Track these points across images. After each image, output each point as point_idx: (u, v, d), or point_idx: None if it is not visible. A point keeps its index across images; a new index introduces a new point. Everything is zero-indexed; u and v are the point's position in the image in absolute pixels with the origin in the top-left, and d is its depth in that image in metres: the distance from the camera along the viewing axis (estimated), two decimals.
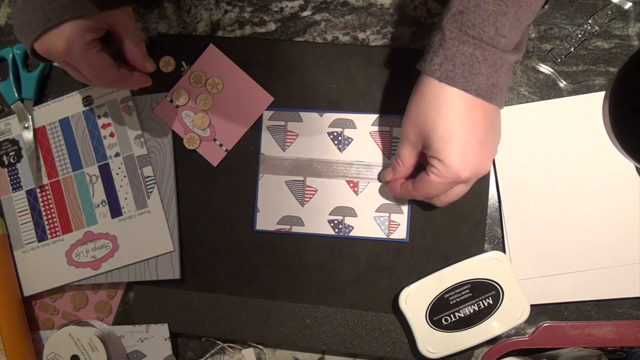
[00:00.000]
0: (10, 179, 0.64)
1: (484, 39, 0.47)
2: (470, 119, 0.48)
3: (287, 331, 0.60)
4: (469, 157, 0.49)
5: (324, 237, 0.61)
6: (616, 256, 0.58)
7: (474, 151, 0.49)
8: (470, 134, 0.48)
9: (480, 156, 0.49)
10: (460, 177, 0.49)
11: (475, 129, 0.48)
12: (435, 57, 0.48)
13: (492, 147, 0.51)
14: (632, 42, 0.59)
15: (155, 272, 0.61)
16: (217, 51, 0.62)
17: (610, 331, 0.56)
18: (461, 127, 0.48)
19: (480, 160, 0.49)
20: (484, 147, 0.50)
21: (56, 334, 0.60)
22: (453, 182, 0.50)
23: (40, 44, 0.51)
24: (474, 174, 0.50)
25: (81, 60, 0.52)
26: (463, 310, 0.57)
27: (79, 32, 0.51)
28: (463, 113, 0.48)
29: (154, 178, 0.62)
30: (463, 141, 0.48)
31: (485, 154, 0.50)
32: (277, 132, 0.62)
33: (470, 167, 0.49)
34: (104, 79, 0.55)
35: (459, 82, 0.47)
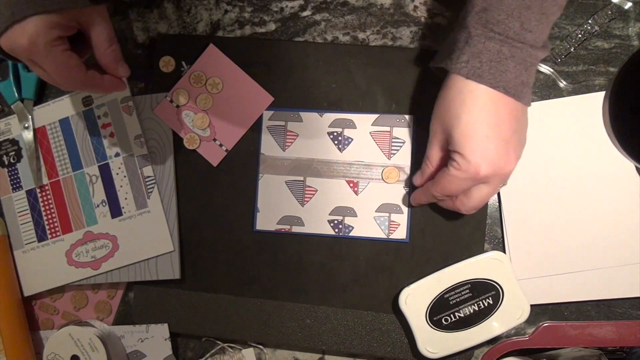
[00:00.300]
0: (10, 179, 0.64)
1: (509, 34, 0.46)
2: (495, 116, 0.47)
3: (287, 331, 0.60)
4: (490, 154, 0.47)
5: (324, 237, 0.61)
6: (616, 256, 0.58)
7: (496, 148, 0.47)
8: (493, 130, 0.47)
9: (503, 155, 0.48)
10: (479, 173, 0.48)
11: (499, 126, 0.47)
12: (461, 54, 0.47)
13: (517, 147, 0.49)
14: (632, 42, 0.59)
15: (155, 272, 0.61)
16: (217, 51, 0.62)
17: (610, 331, 0.56)
18: (484, 123, 0.47)
19: (502, 159, 0.48)
20: (508, 146, 0.48)
21: (56, 334, 0.60)
22: (472, 178, 0.49)
23: (4, 40, 0.48)
24: (494, 173, 0.48)
25: (45, 58, 0.49)
26: (463, 310, 0.57)
27: (43, 28, 0.48)
28: (488, 109, 0.47)
29: (154, 178, 0.62)
30: (485, 137, 0.47)
31: (508, 154, 0.48)
32: (277, 132, 0.62)
33: (491, 164, 0.48)
34: (69, 80, 0.51)
35: (487, 78, 0.46)
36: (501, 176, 0.49)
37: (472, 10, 0.47)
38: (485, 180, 0.49)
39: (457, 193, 0.52)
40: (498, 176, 0.49)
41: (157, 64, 0.63)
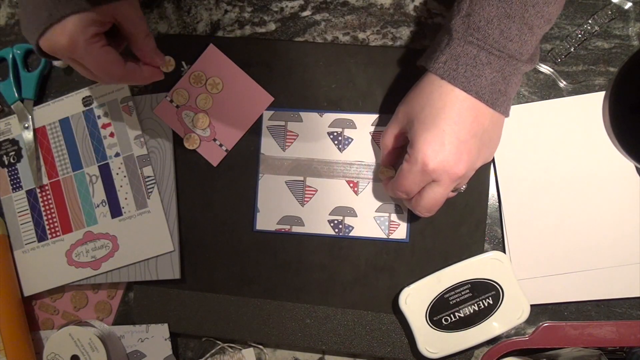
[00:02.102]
0: (10, 179, 0.64)
1: (488, 41, 0.46)
2: (458, 115, 0.47)
3: (287, 331, 0.61)
4: (441, 149, 0.47)
5: (324, 237, 0.61)
6: (616, 256, 0.58)
7: (449, 144, 0.47)
8: (452, 127, 0.47)
9: (454, 153, 0.47)
10: (426, 165, 0.48)
11: (460, 126, 0.47)
12: (441, 55, 0.48)
13: (471, 152, 0.48)
14: (632, 42, 0.59)
15: (155, 272, 0.61)
16: (217, 51, 0.62)
17: (610, 331, 0.56)
18: (445, 118, 0.47)
19: (452, 157, 0.47)
20: (462, 147, 0.48)
21: (56, 334, 0.60)
22: (421, 171, 0.48)
23: (44, 41, 0.49)
24: (442, 169, 0.48)
25: (85, 55, 0.50)
26: (463, 310, 0.57)
27: (81, 26, 0.49)
28: (453, 107, 0.47)
29: (154, 178, 0.62)
30: (441, 131, 0.47)
31: (460, 154, 0.48)
32: (277, 132, 0.62)
33: (439, 160, 0.47)
34: (110, 75, 0.52)
35: (460, 80, 0.47)
36: (451, 176, 0.48)
37: (458, 14, 0.48)
38: (435, 176, 0.48)
39: (411, 190, 0.51)
40: (447, 175, 0.48)
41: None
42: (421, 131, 0.48)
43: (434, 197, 0.51)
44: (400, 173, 0.51)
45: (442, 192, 0.50)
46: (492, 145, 0.51)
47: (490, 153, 0.51)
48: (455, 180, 0.49)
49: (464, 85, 0.47)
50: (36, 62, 0.66)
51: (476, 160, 0.49)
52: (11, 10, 0.67)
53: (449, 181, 0.49)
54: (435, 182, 0.49)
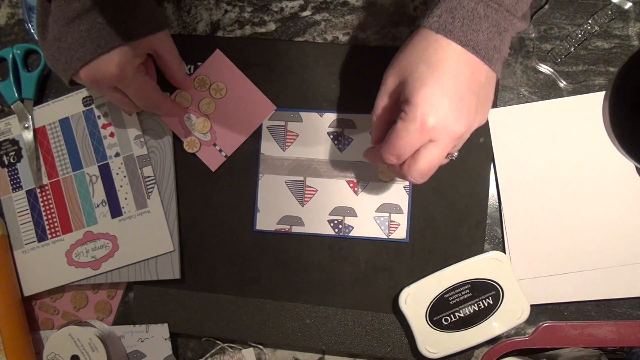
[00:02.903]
0: (10, 179, 0.64)
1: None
2: (456, 70, 0.44)
3: (287, 331, 0.60)
4: (441, 105, 0.44)
5: (324, 237, 0.61)
6: (616, 256, 0.58)
7: (449, 101, 0.44)
8: (451, 83, 0.44)
9: (454, 110, 0.44)
10: (425, 122, 0.44)
11: (458, 81, 0.44)
12: (435, 9, 0.45)
13: (471, 109, 0.45)
14: (632, 42, 0.59)
15: (155, 272, 0.61)
16: (223, 57, 0.62)
17: (610, 331, 0.56)
18: (444, 73, 0.44)
19: (452, 114, 0.44)
20: (461, 104, 0.44)
21: (56, 334, 0.60)
22: (419, 129, 0.44)
23: (88, 70, 0.52)
24: (442, 127, 0.44)
25: (132, 84, 0.54)
26: (463, 310, 0.57)
27: (130, 57, 0.52)
28: (451, 63, 0.44)
29: (154, 178, 0.62)
30: (440, 86, 0.44)
31: (461, 112, 0.44)
32: (277, 132, 0.62)
33: (440, 116, 0.44)
34: (150, 102, 0.57)
35: (457, 34, 0.44)
36: (450, 134, 0.45)
37: None
38: (433, 135, 0.45)
39: (405, 152, 0.46)
40: (446, 133, 0.45)
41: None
42: (419, 86, 0.44)
43: (431, 160, 0.46)
44: (393, 134, 0.46)
45: (440, 153, 0.46)
46: (487, 105, 0.48)
47: (485, 114, 0.48)
48: (454, 141, 0.46)
49: (461, 39, 0.44)
50: (36, 62, 0.66)
51: (474, 119, 0.46)
52: (11, 10, 0.67)
53: (448, 141, 0.45)
54: (432, 142, 0.45)
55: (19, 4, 0.67)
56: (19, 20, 0.67)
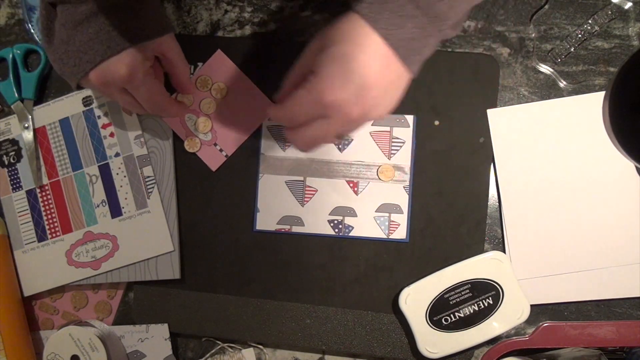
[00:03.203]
0: (10, 179, 0.64)
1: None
2: (370, 60, 0.45)
3: (287, 331, 0.60)
4: (343, 85, 0.44)
5: (324, 237, 0.61)
6: (616, 256, 0.58)
7: (352, 83, 0.44)
8: (360, 70, 0.44)
9: (354, 94, 0.45)
10: (323, 97, 0.44)
11: (367, 70, 0.45)
12: None
13: (370, 99, 0.46)
14: (632, 42, 0.59)
15: (155, 272, 0.61)
16: (224, 57, 0.62)
17: (610, 331, 0.56)
18: (356, 59, 0.45)
19: (352, 97, 0.45)
20: (363, 93, 0.45)
21: (56, 334, 0.60)
22: (315, 101, 0.45)
23: (98, 72, 0.52)
24: (338, 105, 0.45)
25: (141, 87, 0.54)
26: (463, 310, 0.57)
27: (140, 59, 0.52)
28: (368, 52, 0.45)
29: (154, 178, 0.62)
30: (348, 69, 0.44)
31: (360, 97, 0.45)
32: (277, 132, 0.62)
33: (338, 95, 0.44)
34: (158, 105, 0.57)
35: (380, 26, 0.44)
36: (343, 116, 0.45)
37: None
38: (326, 111, 0.45)
39: (297, 118, 0.47)
40: (339, 114, 0.45)
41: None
42: (329, 63, 0.45)
43: (318, 133, 0.47)
44: (292, 98, 0.47)
45: (328, 130, 0.47)
46: (391, 101, 0.48)
47: (386, 109, 0.48)
48: (346, 124, 0.46)
49: (383, 32, 0.45)
50: (36, 62, 0.66)
51: (371, 110, 0.47)
52: (11, 10, 0.67)
53: (340, 121, 0.46)
54: (325, 118, 0.46)
55: (19, 4, 0.67)
56: (19, 20, 0.67)
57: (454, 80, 0.60)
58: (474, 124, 0.60)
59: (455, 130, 0.60)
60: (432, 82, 0.60)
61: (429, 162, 0.60)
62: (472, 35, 0.61)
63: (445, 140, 0.60)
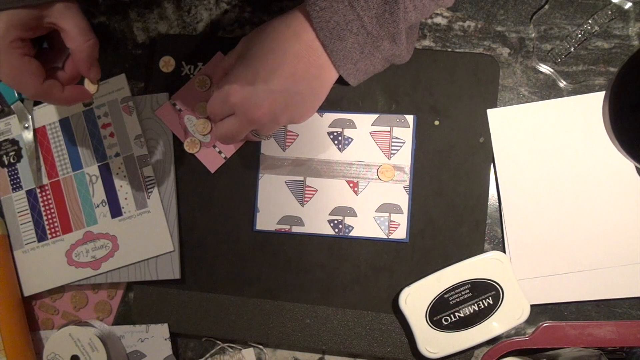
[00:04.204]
0: (10, 179, 0.64)
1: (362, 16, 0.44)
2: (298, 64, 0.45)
3: (287, 331, 0.60)
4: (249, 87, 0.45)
5: (324, 237, 0.61)
6: (616, 256, 0.58)
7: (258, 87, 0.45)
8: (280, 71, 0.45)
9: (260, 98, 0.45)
10: (229, 96, 0.46)
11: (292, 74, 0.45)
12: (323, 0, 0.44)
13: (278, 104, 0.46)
14: (632, 42, 0.59)
15: (155, 272, 0.61)
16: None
17: (610, 331, 0.56)
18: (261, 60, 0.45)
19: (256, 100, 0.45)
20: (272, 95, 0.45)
21: (56, 334, 0.60)
22: (223, 100, 0.47)
23: None
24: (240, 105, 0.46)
25: (1, 60, 0.45)
26: (463, 310, 0.57)
27: (4, 28, 0.44)
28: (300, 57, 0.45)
29: (154, 178, 0.62)
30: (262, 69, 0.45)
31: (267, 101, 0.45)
32: (277, 132, 0.62)
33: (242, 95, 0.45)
34: (23, 87, 0.47)
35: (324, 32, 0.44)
36: (247, 116, 0.46)
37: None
38: (233, 109, 0.47)
39: (214, 114, 0.49)
40: (244, 113, 0.46)
41: (157, 64, 0.63)
42: (244, 62, 0.46)
43: (229, 129, 0.49)
44: (213, 94, 0.49)
45: (237, 127, 0.48)
46: (306, 107, 0.48)
47: (300, 115, 0.48)
48: (252, 123, 0.47)
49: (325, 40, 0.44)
50: None
51: (281, 115, 0.47)
52: None
53: (245, 120, 0.47)
54: (234, 115, 0.48)
55: None
56: None
57: (454, 80, 0.60)
58: (474, 124, 0.60)
59: (455, 130, 0.60)
60: (432, 82, 0.60)
61: (429, 162, 0.60)
62: (472, 35, 0.61)
63: (445, 140, 0.60)
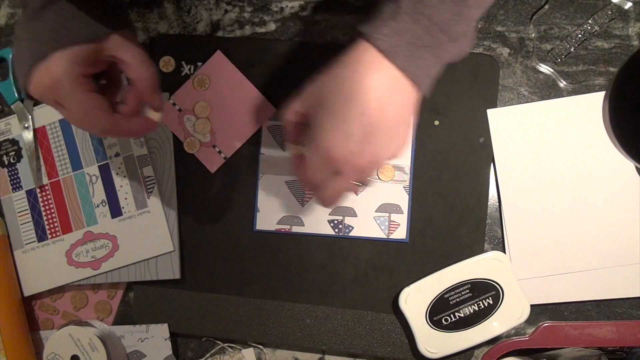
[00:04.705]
0: (10, 179, 0.64)
1: (436, 21, 0.42)
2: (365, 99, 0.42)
3: (287, 331, 0.60)
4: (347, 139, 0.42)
5: (324, 237, 0.61)
6: (616, 256, 0.58)
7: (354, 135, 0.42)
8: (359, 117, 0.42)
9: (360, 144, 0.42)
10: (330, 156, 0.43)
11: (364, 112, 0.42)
12: (384, 27, 0.42)
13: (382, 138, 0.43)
14: (632, 42, 0.59)
15: (155, 272, 0.61)
16: (223, 58, 0.62)
17: (610, 331, 0.56)
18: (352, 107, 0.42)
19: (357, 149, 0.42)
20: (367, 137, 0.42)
21: (56, 334, 0.60)
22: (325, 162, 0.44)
23: (33, 87, 0.45)
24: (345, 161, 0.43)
25: (68, 99, 0.45)
26: (463, 310, 0.57)
27: (67, 66, 0.44)
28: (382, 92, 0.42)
29: (154, 178, 0.62)
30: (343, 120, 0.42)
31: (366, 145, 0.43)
32: (277, 132, 0.62)
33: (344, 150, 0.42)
34: (91, 124, 0.46)
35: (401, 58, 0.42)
36: (354, 167, 0.44)
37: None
38: (337, 167, 0.44)
39: (314, 179, 0.46)
40: (350, 167, 0.44)
41: (157, 64, 0.63)
42: (328, 117, 0.43)
43: (339, 191, 0.46)
44: (305, 162, 0.45)
45: (346, 185, 0.46)
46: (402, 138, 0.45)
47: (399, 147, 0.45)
48: (360, 175, 0.45)
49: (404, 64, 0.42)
50: None
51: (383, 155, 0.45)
52: (11, 10, 0.67)
53: (353, 175, 0.45)
54: (337, 173, 0.45)
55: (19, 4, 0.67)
56: None
57: (454, 80, 0.60)
58: (474, 124, 0.60)
59: (455, 130, 0.60)
60: None
61: (429, 162, 0.60)
62: None
63: (445, 140, 0.60)
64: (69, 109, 0.46)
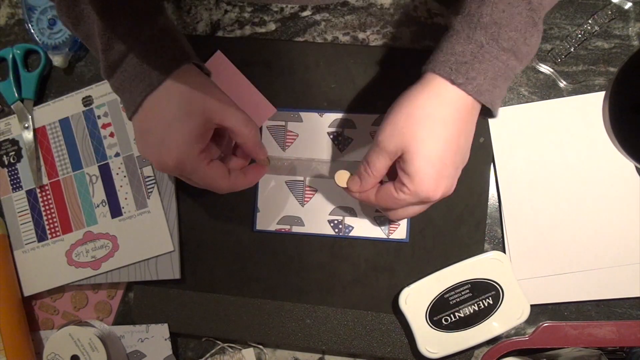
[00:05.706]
0: (10, 179, 0.64)
1: (515, 51, 0.45)
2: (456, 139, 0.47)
3: (287, 331, 0.60)
4: (445, 182, 0.47)
5: (324, 237, 0.61)
6: (616, 256, 0.58)
7: (450, 176, 0.48)
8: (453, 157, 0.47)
9: (453, 180, 0.48)
10: (430, 198, 0.48)
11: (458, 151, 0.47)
12: (470, 69, 0.45)
13: (460, 169, 0.50)
14: (632, 42, 0.59)
15: (155, 272, 0.61)
16: (223, 58, 0.62)
17: (610, 331, 0.56)
18: (448, 150, 0.46)
19: (452, 184, 0.48)
20: (457, 171, 0.49)
21: (56, 334, 0.60)
22: (421, 202, 0.49)
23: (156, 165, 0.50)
24: (442, 196, 0.49)
25: (193, 175, 0.50)
26: (463, 310, 0.57)
27: (186, 147, 0.48)
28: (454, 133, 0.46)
29: (154, 178, 0.62)
30: (444, 165, 0.47)
31: (456, 178, 0.49)
32: (277, 132, 0.62)
33: (443, 190, 0.48)
34: (217, 189, 0.53)
35: (486, 95, 0.46)
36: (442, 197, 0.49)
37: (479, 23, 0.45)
38: (425, 200, 0.49)
39: (397, 210, 0.52)
40: (436, 199, 0.48)
41: None
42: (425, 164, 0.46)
43: (415, 213, 0.52)
44: (391, 197, 0.49)
45: (425, 209, 0.52)
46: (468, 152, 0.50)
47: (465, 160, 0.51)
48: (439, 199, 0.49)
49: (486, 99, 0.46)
50: (36, 62, 0.66)
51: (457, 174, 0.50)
52: (11, 10, 0.67)
53: (435, 201, 0.49)
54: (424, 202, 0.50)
55: (19, 4, 0.67)
56: (19, 20, 0.67)
57: None
58: None
59: None
60: None
61: None
62: None
63: None
64: (195, 182, 0.52)
